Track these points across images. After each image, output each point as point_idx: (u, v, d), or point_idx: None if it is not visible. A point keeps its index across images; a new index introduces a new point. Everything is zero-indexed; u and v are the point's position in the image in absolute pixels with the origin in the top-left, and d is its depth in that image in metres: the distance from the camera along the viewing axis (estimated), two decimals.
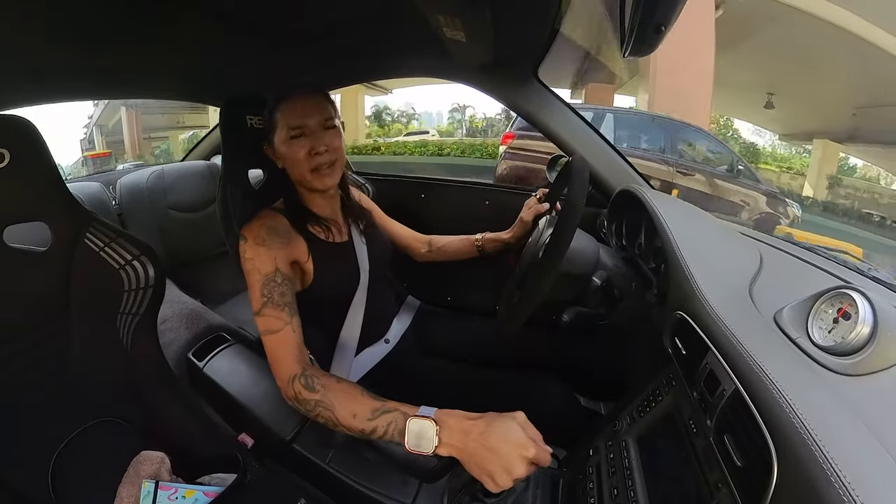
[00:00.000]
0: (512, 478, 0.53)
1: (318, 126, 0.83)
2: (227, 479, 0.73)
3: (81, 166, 11.41)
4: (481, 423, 0.57)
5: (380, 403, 0.64)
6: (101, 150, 11.94)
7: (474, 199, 1.52)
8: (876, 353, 0.42)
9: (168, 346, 1.03)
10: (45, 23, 0.73)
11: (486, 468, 0.54)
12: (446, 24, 0.75)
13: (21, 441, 0.71)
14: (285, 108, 0.83)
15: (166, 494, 0.68)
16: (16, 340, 0.72)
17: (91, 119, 12.12)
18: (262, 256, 0.77)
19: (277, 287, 0.76)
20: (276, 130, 0.84)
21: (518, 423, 0.57)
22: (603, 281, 0.85)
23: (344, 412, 0.64)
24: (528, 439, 0.55)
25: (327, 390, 0.67)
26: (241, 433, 0.87)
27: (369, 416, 0.62)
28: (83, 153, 11.79)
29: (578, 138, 1.18)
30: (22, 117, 0.66)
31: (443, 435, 0.58)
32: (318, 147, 0.82)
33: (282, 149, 0.84)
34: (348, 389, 0.67)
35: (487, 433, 0.56)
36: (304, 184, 0.87)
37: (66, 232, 0.74)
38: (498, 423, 0.57)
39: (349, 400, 0.66)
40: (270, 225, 0.81)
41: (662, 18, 0.50)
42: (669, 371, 0.66)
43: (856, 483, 0.31)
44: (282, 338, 0.73)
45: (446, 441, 0.57)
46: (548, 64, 1.10)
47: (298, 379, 0.69)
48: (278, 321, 0.73)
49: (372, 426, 0.62)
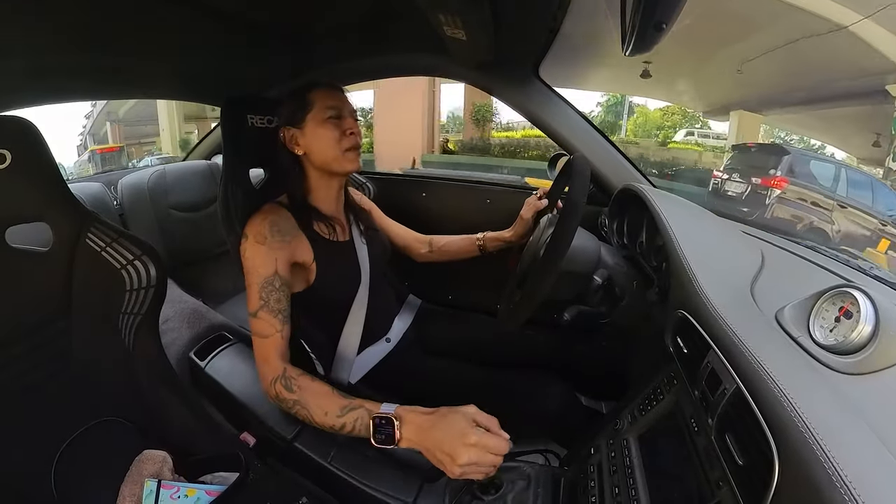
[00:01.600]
0: (457, 464, 0.57)
1: (349, 113, 0.89)
2: (228, 478, 0.73)
3: (88, 161, 10.94)
4: (433, 417, 0.62)
5: (347, 401, 0.68)
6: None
7: (475, 197, 1.52)
8: (878, 351, 0.42)
9: (170, 346, 1.04)
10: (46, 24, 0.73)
11: (436, 457, 0.59)
12: (447, 22, 0.75)
13: (23, 441, 0.71)
14: (321, 92, 0.87)
15: (169, 493, 0.68)
16: (18, 341, 0.72)
17: (85, 128, 12.19)
18: (262, 256, 0.77)
19: (274, 292, 0.77)
20: (312, 110, 0.85)
21: (463, 413, 0.61)
22: (604, 279, 0.85)
23: (318, 410, 0.69)
24: (470, 428, 0.59)
25: (303, 390, 0.71)
26: (242, 432, 0.87)
27: (338, 413, 0.67)
28: (88, 149, 11.48)
29: (579, 137, 1.17)
30: (23, 118, 0.66)
31: (402, 430, 0.62)
32: (353, 128, 0.87)
33: (316, 129, 0.85)
34: (319, 389, 0.71)
35: (435, 426, 0.60)
36: (330, 166, 0.88)
37: (68, 232, 0.74)
38: (446, 416, 0.61)
39: (321, 398, 0.70)
40: (273, 220, 0.81)
41: (663, 16, 0.50)
42: (671, 370, 0.66)
43: (857, 482, 0.31)
44: (270, 343, 0.76)
45: (406, 436, 0.62)
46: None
47: (280, 380, 0.73)
48: (270, 327, 0.76)
49: (341, 422, 0.66)
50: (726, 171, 5.66)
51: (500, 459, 0.59)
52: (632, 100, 13.46)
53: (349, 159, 0.87)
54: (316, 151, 0.87)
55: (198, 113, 12.17)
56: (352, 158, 0.88)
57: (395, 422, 0.62)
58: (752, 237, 0.90)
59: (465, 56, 1.01)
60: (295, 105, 0.87)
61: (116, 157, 10.94)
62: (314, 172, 0.90)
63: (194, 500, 0.68)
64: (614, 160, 1.18)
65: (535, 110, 1.17)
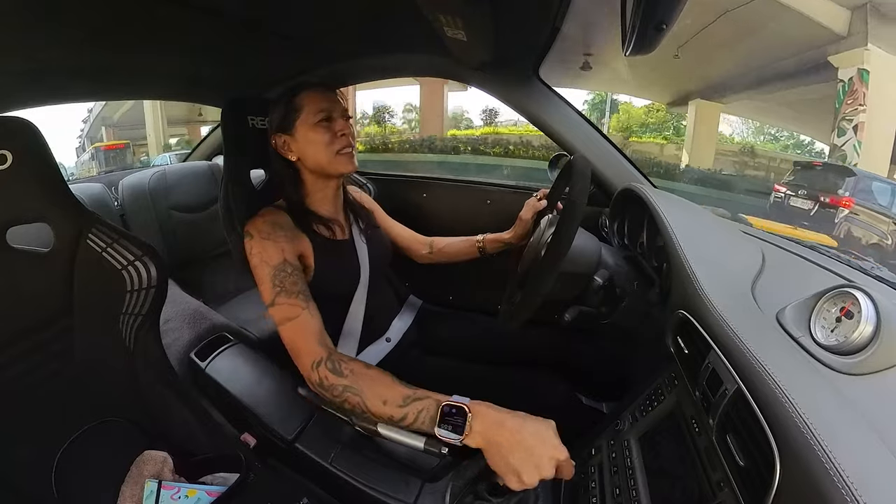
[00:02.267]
0: (540, 476, 0.52)
1: (340, 114, 0.87)
2: (229, 479, 0.74)
3: (91, 159, 10.42)
4: (517, 419, 0.56)
5: (411, 391, 0.62)
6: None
7: (476, 198, 1.52)
8: (879, 352, 0.42)
9: (170, 347, 1.03)
10: (47, 24, 0.73)
11: (513, 463, 0.53)
12: (447, 23, 0.75)
13: (25, 441, 0.71)
14: (311, 95, 0.86)
15: (169, 494, 0.68)
16: (18, 341, 0.72)
17: (83, 132, 12.22)
18: (269, 249, 0.77)
19: (288, 276, 0.75)
20: (301, 115, 0.85)
21: (550, 427, 0.56)
22: (605, 280, 0.85)
23: (374, 398, 0.63)
24: (560, 444, 0.54)
25: (356, 376, 0.65)
26: (243, 433, 0.87)
27: (400, 403, 0.61)
28: (93, 145, 11.07)
29: (580, 137, 1.17)
30: (24, 119, 0.66)
31: (475, 423, 0.56)
32: (344, 129, 0.86)
33: (307, 133, 0.85)
34: (378, 376, 0.66)
35: (522, 429, 0.54)
36: (325, 170, 0.87)
37: (69, 233, 0.74)
38: (532, 422, 0.56)
39: (380, 385, 0.64)
40: (273, 220, 0.81)
41: (664, 16, 0.50)
42: (671, 370, 0.66)
43: (858, 483, 0.31)
44: (300, 324, 0.72)
45: (478, 429, 0.55)
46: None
47: (325, 363, 0.67)
48: (294, 308, 0.72)
49: (402, 413, 0.60)
50: (789, 187, 5.94)
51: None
52: (616, 97, 13.59)
53: (343, 161, 0.87)
54: (309, 156, 0.87)
55: (188, 116, 12.15)
56: (346, 160, 0.87)
57: (467, 412, 0.56)
58: (753, 237, 0.90)
59: (465, 56, 1.01)
60: (284, 111, 0.86)
61: (121, 155, 10.36)
62: (310, 176, 0.90)
63: (195, 500, 0.69)
64: (615, 161, 1.18)
65: (535, 111, 1.17)
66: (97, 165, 10.32)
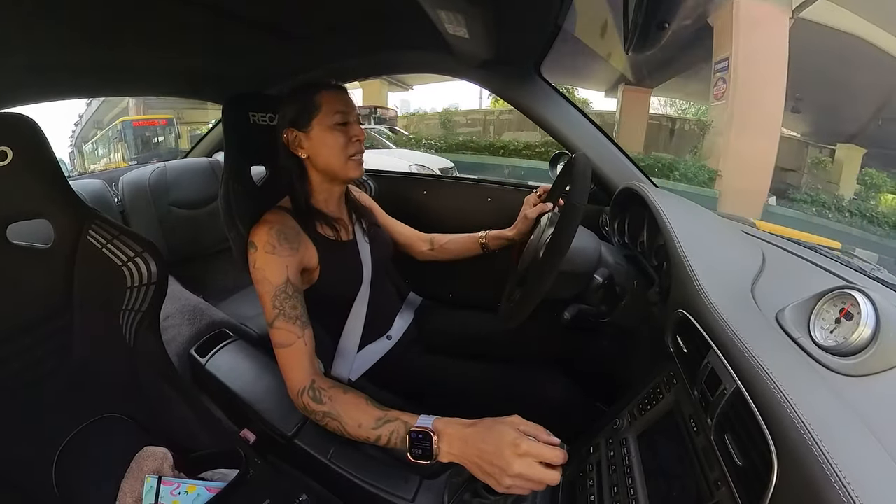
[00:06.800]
0: (508, 475, 0.54)
1: (355, 119, 0.87)
2: (229, 475, 0.74)
3: (115, 139, 7.85)
4: (478, 429, 0.59)
5: (382, 413, 0.66)
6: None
7: (477, 196, 1.52)
8: (878, 354, 0.42)
9: (170, 343, 1.04)
10: (47, 21, 0.73)
11: (483, 470, 0.57)
12: (448, 20, 0.74)
13: (24, 437, 0.71)
14: (329, 95, 0.85)
15: (169, 489, 0.68)
16: (19, 337, 0.72)
17: (73, 133, 12.26)
18: (272, 266, 0.76)
19: (289, 300, 0.75)
20: (319, 114, 0.83)
21: (510, 423, 0.58)
22: (605, 279, 0.85)
23: (350, 422, 0.67)
24: (520, 437, 0.56)
25: (334, 402, 0.69)
26: (242, 429, 0.87)
27: (373, 426, 0.65)
28: (120, 119, 8.50)
29: (581, 136, 1.17)
30: (24, 115, 0.66)
31: (442, 444, 0.60)
32: (360, 135, 0.86)
33: (322, 134, 0.84)
34: (353, 400, 0.69)
35: (484, 440, 0.57)
36: (336, 173, 0.87)
37: (69, 229, 0.74)
38: (492, 427, 0.58)
39: (354, 409, 0.68)
40: (279, 229, 0.79)
41: (666, 15, 0.49)
42: (670, 369, 0.66)
43: (855, 484, 0.31)
44: (293, 352, 0.74)
45: (446, 450, 0.59)
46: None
47: (308, 391, 0.71)
48: (290, 335, 0.74)
49: (376, 434, 0.65)
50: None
51: (558, 475, 0.54)
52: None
53: (353, 166, 0.86)
54: (321, 157, 0.85)
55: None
56: (356, 165, 0.87)
57: (432, 436, 0.60)
58: (754, 237, 0.90)
59: (466, 54, 1.00)
60: (300, 107, 0.84)
61: (162, 134, 7.57)
62: (317, 176, 0.89)
63: (194, 496, 0.69)
64: (616, 159, 1.18)
65: (536, 109, 1.17)
66: (126, 149, 7.68)
